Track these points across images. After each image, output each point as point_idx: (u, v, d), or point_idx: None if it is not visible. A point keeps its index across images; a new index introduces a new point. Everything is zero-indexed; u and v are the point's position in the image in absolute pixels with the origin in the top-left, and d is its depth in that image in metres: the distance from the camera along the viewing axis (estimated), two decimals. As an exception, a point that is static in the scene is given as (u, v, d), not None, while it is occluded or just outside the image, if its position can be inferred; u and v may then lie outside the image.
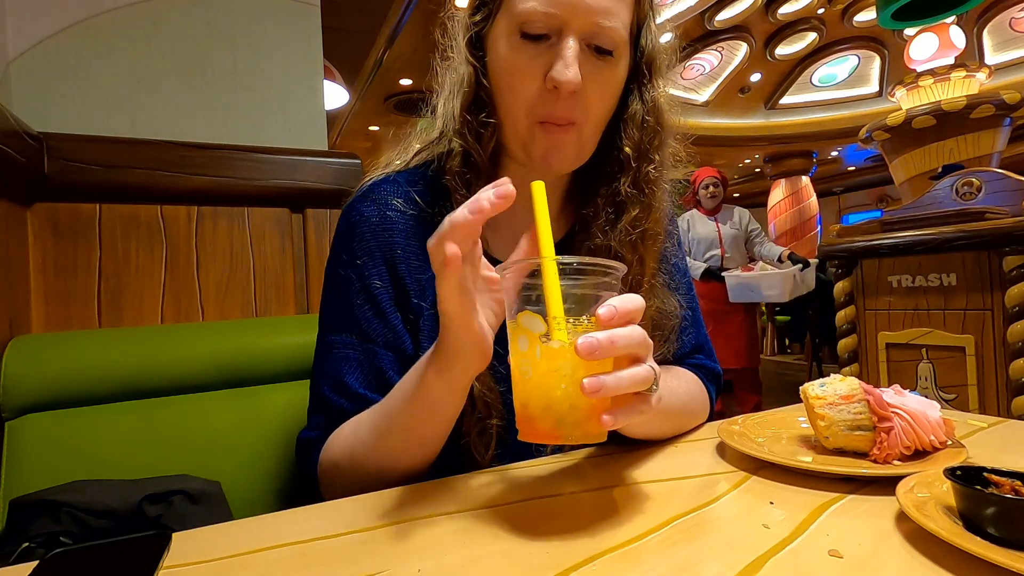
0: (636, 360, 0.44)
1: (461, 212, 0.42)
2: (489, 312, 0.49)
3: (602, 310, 0.41)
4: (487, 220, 0.69)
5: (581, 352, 0.40)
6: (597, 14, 0.57)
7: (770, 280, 3.36)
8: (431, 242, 0.43)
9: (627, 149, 0.66)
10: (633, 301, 0.43)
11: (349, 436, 0.60)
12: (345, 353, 0.63)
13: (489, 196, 0.43)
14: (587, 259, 0.44)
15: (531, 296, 0.44)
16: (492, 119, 0.63)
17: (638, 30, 0.65)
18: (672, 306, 0.71)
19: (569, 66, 0.56)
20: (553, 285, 0.43)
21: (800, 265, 3.40)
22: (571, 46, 0.57)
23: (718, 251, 3.69)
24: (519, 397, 0.44)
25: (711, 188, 3.66)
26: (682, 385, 0.70)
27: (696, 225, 3.76)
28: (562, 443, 0.43)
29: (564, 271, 0.44)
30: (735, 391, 3.77)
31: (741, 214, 3.71)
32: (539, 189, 0.48)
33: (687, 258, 3.68)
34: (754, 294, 3.41)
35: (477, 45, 0.64)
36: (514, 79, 0.60)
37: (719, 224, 3.70)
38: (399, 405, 0.56)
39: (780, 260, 3.52)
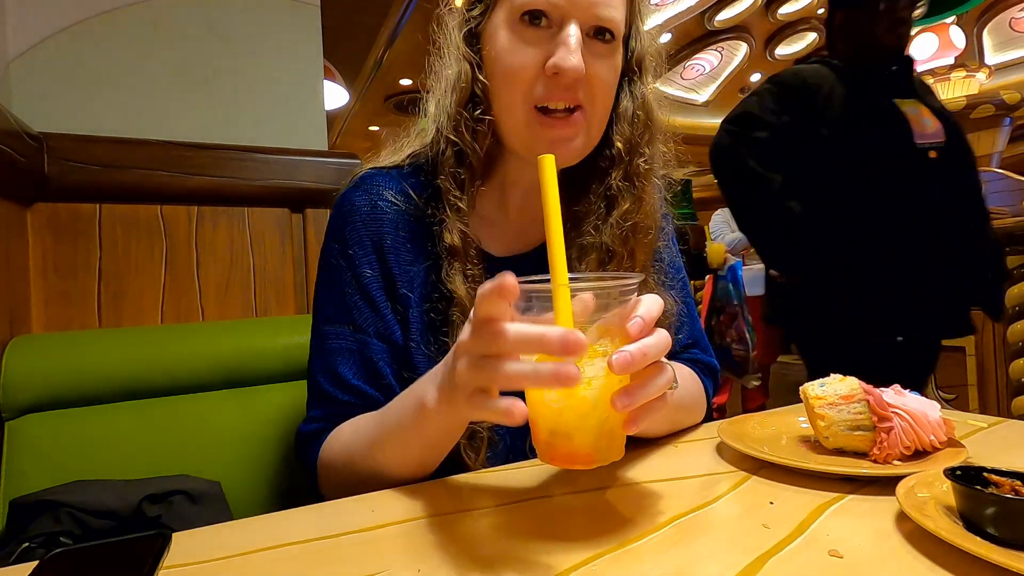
0: (657, 363, 0.43)
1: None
2: None
3: (632, 327, 0.41)
4: (482, 219, 0.69)
5: (616, 368, 0.39)
6: (598, 6, 0.59)
7: None
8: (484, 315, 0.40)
9: (618, 144, 0.67)
10: (655, 305, 0.43)
11: (348, 441, 0.60)
12: (338, 344, 0.64)
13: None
14: (604, 277, 0.43)
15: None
16: (488, 116, 0.64)
17: (627, 31, 0.66)
18: (667, 303, 0.71)
19: (572, 53, 0.57)
20: (567, 311, 0.41)
21: None
22: (574, 33, 0.58)
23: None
24: (547, 427, 0.43)
25: None
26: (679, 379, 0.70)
27: (732, 223, 3.83)
28: (596, 466, 0.42)
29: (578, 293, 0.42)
30: (742, 389, 3.79)
31: None
32: (549, 162, 0.44)
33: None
34: None
35: (473, 40, 0.65)
36: (513, 64, 0.60)
37: None
38: (395, 431, 0.55)
39: None
